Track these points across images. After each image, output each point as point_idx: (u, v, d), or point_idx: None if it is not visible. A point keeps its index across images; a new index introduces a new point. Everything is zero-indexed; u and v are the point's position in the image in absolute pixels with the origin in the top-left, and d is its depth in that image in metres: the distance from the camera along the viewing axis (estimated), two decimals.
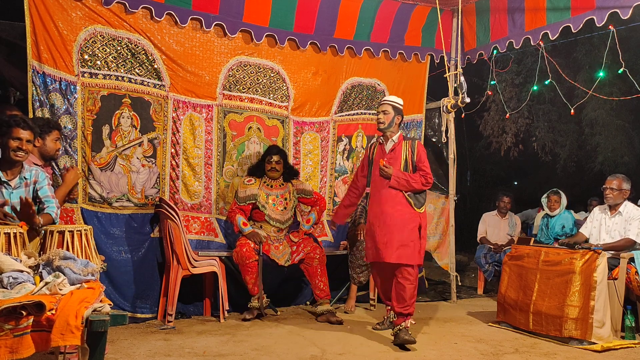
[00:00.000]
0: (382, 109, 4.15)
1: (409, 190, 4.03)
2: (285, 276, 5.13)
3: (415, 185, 4.03)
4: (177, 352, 3.56)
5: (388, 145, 4.19)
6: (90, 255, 2.76)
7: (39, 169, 3.25)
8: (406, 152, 4.14)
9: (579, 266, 3.91)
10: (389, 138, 4.18)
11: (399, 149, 4.16)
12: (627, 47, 6.05)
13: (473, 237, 6.70)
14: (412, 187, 4.03)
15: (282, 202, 4.80)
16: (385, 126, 4.13)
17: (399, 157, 4.13)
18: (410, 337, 3.77)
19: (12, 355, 1.94)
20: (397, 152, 4.15)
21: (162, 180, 4.68)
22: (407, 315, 3.90)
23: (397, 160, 4.12)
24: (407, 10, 5.52)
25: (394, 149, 4.16)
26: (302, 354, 3.59)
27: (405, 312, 3.90)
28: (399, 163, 4.11)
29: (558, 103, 8.12)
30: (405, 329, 3.84)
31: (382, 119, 4.13)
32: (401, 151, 4.15)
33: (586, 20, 4.55)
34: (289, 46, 5.21)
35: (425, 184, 4.06)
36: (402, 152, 4.14)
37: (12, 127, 3.07)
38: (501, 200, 6.54)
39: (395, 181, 4.02)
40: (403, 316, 3.91)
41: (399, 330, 3.84)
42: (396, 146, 4.17)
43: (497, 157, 10.42)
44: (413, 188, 4.03)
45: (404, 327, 3.85)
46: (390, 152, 4.16)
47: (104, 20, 4.35)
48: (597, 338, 3.80)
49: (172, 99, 4.70)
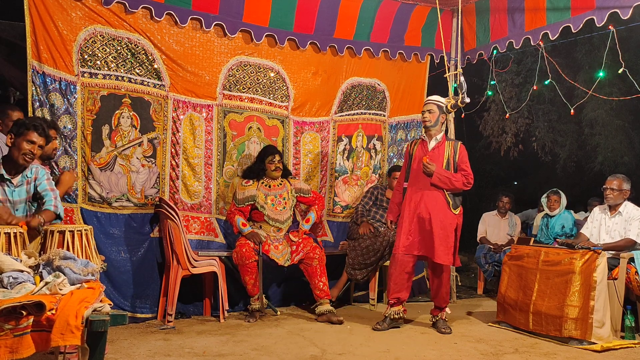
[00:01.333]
0: (428, 108, 4.30)
1: (449, 189, 4.20)
2: (285, 276, 5.13)
3: (456, 184, 4.18)
4: (177, 352, 3.56)
5: (431, 143, 4.32)
6: (90, 255, 2.77)
7: (39, 167, 3.27)
8: (449, 151, 4.28)
9: (578, 266, 3.91)
10: (433, 136, 4.32)
11: (442, 148, 4.30)
12: (627, 47, 6.05)
13: (473, 237, 6.70)
14: (454, 185, 4.18)
15: (280, 201, 4.80)
16: (432, 124, 4.27)
17: (441, 156, 4.27)
18: (448, 329, 4.21)
19: (12, 355, 1.94)
20: (440, 151, 4.29)
21: (162, 180, 4.68)
22: (444, 308, 4.32)
23: (439, 158, 4.25)
24: (407, 10, 5.52)
25: (437, 147, 4.30)
26: (302, 354, 3.59)
27: (444, 305, 4.33)
28: (441, 162, 4.24)
29: (558, 103, 8.11)
30: (442, 320, 4.30)
31: (428, 117, 4.28)
32: (444, 150, 4.29)
33: (586, 20, 4.55)
34: (289, 46, 5.21)
35: (467, 184, 4.22)
36: (444, 151, 4.28)
37: (29, 129, 3.10)
38: (500, 200, 6.54)
39: (437, 178, 4.16)
40: (442, 309, 4.32)
41: (439, 320, 4.31)
42: (439, 145, 4.31)
43: (497, 157, 10.41)
44: (454, 187, 4.19)
45: (440, 318, 4.31)
46: (432, 150, 4.29)
47: (103, 20, 4.35)
48: (597, 338, 3.80)
49: (172, 98, 4.70)
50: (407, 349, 3.74)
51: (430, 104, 4.33)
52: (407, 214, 4.27)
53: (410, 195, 4.31)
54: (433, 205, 4.19)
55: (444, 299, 4.34)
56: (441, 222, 4.16)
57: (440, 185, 4.19)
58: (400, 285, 4.28)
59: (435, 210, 4.18)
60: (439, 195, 4.21)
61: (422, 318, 4.72)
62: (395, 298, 4.29)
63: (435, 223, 4.15)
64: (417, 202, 4.24)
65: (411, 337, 4.10)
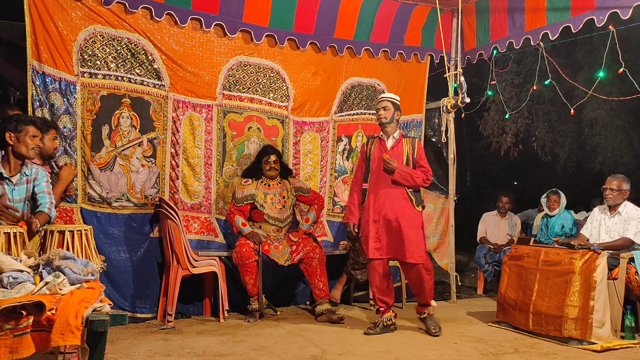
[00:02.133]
0: (382, 105, 4.25)
1: (411, 186, 4.15)
2: (285, 276, 5.13)
3: (417, 180, 4.15)
4: (177, 352, 3.56)
5: (389, 142, 4.26)
6: (90, 255, 2.77)
7: (39, 167, 3.27)
8: (407, 149, 4.24)
9: (578, 266, 3.91)
10: (390, 134, 4.27)
11: (401, 145, 4.25)
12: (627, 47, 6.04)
13: (473, 237, 6.70)
14: (415, 182, 4.14)
15: (280, 200, 4.80)
16: (387, 120, 4.22)
17: (401, 154, 4.22)
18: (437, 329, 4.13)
19: (12, 355, 1.94)
20: (399, 149, 4.24)
21: (161, 180, 4.68)
22: (430, 303, 4.21)
23: (399, 156, 4.20)
24: (407, 10, 5.52)
25: (396, 145, 4.25)
26: (302, 354, 3.59)
27: (430, 300, 4.21)
28: (401, 159, 4.19)
29: (558, 103, 8.11)
30: (430, 316, 4.21)
31: (384, 114, 4.22)
32: (402, 148, 4.24)
33: (586, 20, 4.54)
34: (289, 46, 5.21)
35: (426, 180, 4.20)
36: (403, 149, 4.24)
37: (28, 125, 3.12)
38: (500, 200, 6.55)
39: (399, 175, 4.11)
40: (428, 305, 4.21)
41: (426, 317, 4.21)
42: (397, 143, 4.26)
43: (497, 157, 10.41)
44: (415, 183, 4.15)
45: (427, 314, 4.21)
46: (392, 148, 4.24)
47: (103, 20, 4.35)
48: (596, 338, 3.80)
49: (171, 98, 4.70)
50: (407, 349, 3.74)
51: (385, 101, 4.26)
52: (373, 216, 4.16)
53: (373, 197, 4.20)
54: (398, 205, 4.12)
55: (430, 295, 4.22)
56: (409, 221, 4.10)
57: (402, 182, 4.12)
58: (384, 290, 4.22)
59: (400, 210, 4.11)
60: (402, 194, 4.15)
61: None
62: (384, 303, 4.22)
63: (404, 223, 4.08)
64: (381, 203, 4.15)
65: (411, 337, 4.10)
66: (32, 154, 3.13)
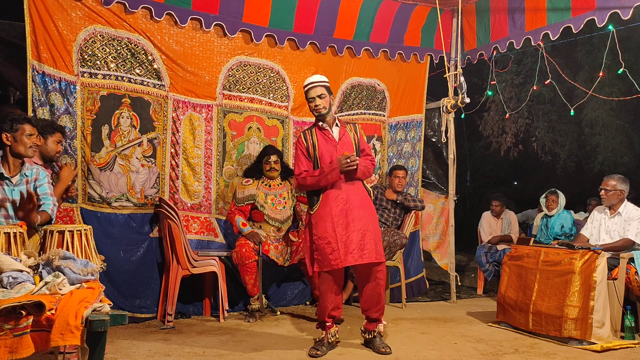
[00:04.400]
0: (318, 93, 3.62)
1: (365, 178, 3.74)
2: (285, 276, 5.13)
3: (370, 171, 3.73)
4: (177, 352, 3.56)
5: (334, 131, 3.73)
6: (90, 255, 2.76)
7: (40, 168, 3.27)
8: (353, 136, 3.76)
9: (578, 266, 3.91)
10: (332, 123, 3.73)
11: (347, 134, 3.75)
12: (627, 47, 6.05)
13: (473, 237, 6.70)
14: (370, 173, 3.76)
15: (280, 201, 4.80)
16: (327, 110, 3.66)
17: (350, 143, 3.71)
18: (387, 348, 3.60)
19: (12, 355, 1.94)
20: (347, 138, 3.73)
21: (161, 180, 4.68)
22: (380, 319, 3.73)
23: (349, 146, 3.69)
24: (407, 11, 5.52)
25: (343, 135, 3.73)
26: (302, 354, 3.59)
27: (381, 316, 3.73)
28: (352, 149, 3.69)
29: (558, 103, 8.12)
30: (379, 335, 3.69)
31: (322, 104, 3.63)
32: (350, 136, 3.74)
33: (587, 20, 4.54)
34: (289, 46, 5.21)
35: (373, 170, 3.80)
36: (351, 138, 3.74)
37: (23, 123, 3.11)
38: (492, 204, 6.57)
39: (360, 171, 3.64)
40: (378, 321, 3.72)
41: (376, 336, 3.68)
42: (343, 132, 3.74)
43: (497, 157, 10.43)
44: (369, 175, 3.76)
45: (377, 332, 3.69)
46: (340, 139, 3.71)
47: (103, 20, 4.35)
48: (596, 338, 3.80)
49: (171, 98, 4.70)
50: (407, 349, 3.74)
51: (318, 87, 3.62)
52: (336, 219, 3.56)
53: (332, 195, 3.61)
54: (360, 201, 3.65)
55: (382, 307, 3.71)
56: (372, 218, 3.67)
57: (361, 177, 3.68)
58: (337, 303, 3.70)
59: (364, 207, 3.65)
60: (360, 188, 3.70)
61: (421, 318, 4.72)
62: (332, 317, 3.71)
63: (368, 221, 3.62)
64: (345, 202, 3.61)
65: (411, 337, 4.09)
66: (30, 152, 3.13)
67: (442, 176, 6.27)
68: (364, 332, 3.78)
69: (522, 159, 10.23)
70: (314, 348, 3.59)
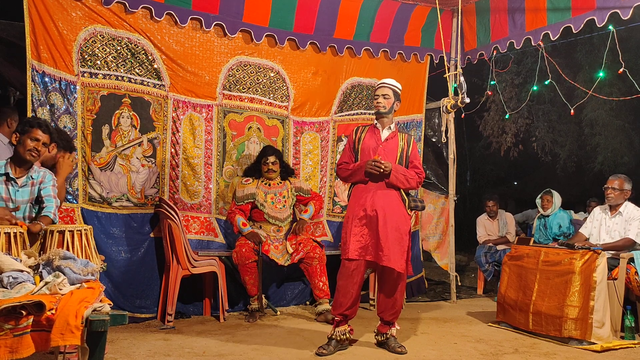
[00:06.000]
0: (383, 92, 3.72)
1: (404, 188, 3.73)
2: (285, 276, 5.13)
3: (412, 182, 3.71)
4: (177, 352, 3.56)
5: (384, 133, 3.76)
6: (90, 255, 2.77)
7: (47, 171, 3.27)
8: (402, 144, 3.77)
9: (578, 266, 3.91)
10: (386, 125, 3.77)
11: (396, 139, 3.77)
12: (627, 47, 6.05)
13: (473, 237, 6.70)
14: (410, 184, 3.71)
15: (280, 200, 4.80)
16: (386, 111, 3.72)
17: (395, 148, 3.74)
18: (403, 348, 3.66)
19: (12, 355, 1.94)
20: (394, 143, 3.75)
21: (161, 180, 4.68)
22: (394, 323, 3.79)
23: (393, 151, 3.73)
24: (407, 11, 5.52)
25: (391, 138, 3.76)
26: (302, 354, 3.59)
27: (395, 319, 3.79)
28: (394, 155, 3.72)
29: (558, 103, 8.13)
30: (393, 337, 3.75)
31: (383, 103, 3.71)
32: (398, 142, 3.76)
33: (587, 20, 4.55)
34: (289, 46, 5.21)
35: (419, 183, 3.78)
36: (398, 144, 3.76)
37: (33, 127, 3.15)
38: (486, 205, 6.57)
39: (394, 177, 3.64)
40: (391, 324, 3.78)
41: (389, 337, 3.74)
42: (393, 136, 3.77)
43: (497, 157, 10.43)
44: (410, 186, 3.72)
45: (390, 334, 3.75)
46: (386, 140, 3.75)
47: (103, 20, 4.35)
48: (596, 338, 3.80)
49: (172, 98, 4.70)
50: (407, 348, 3.73)
51: (386, 88, 3.73)
52: (357, 212, 3.65)
53: (361, 191, 3.70)
54: (388, 204, 3.64)
55: (397, 312, 3.76)
56: (395, 222, 3.62)
57: (396, 184, 3.66)
58: (352, 299, 3.65)
59: (389, 208, 3.63)
60: (395, 193, 3.69)
61: (421, 318, 4.72)
62: (343, 315, 3.67)
63: (390, 222, 3.59)
64: (370, 199, 3.65)
65: (411, 337, 4.09)
66: (27, 155, 3.11)
67: (442, 176, 6.27)
68: (376, 334, 3.82)
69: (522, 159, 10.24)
70: (321, 347, 3.63)
